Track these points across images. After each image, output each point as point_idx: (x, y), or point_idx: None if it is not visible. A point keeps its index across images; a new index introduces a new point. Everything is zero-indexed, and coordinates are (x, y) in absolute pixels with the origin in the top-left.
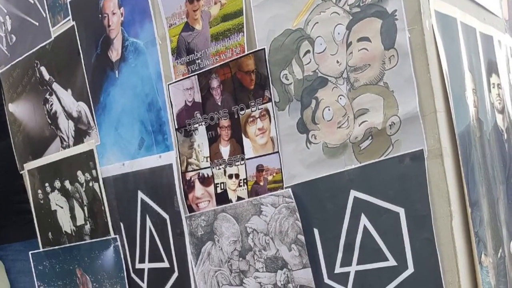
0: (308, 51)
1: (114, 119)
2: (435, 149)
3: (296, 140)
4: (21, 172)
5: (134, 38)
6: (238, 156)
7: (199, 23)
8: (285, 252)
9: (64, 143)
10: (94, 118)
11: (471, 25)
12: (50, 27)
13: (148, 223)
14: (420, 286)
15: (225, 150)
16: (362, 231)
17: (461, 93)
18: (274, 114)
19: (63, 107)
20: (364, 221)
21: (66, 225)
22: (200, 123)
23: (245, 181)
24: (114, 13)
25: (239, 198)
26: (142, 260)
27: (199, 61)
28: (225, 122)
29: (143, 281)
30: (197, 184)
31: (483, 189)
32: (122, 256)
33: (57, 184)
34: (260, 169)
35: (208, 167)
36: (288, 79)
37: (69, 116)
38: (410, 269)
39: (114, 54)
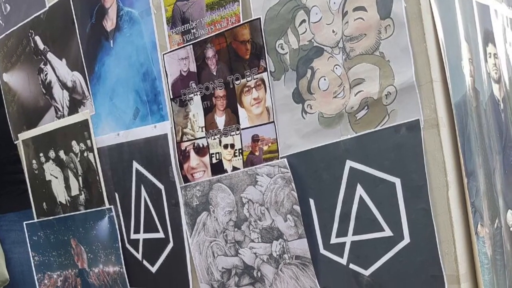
0: (303, 21)
1: (109, 89)
2: (431, 119)
3: (291, 110)
4: (15, 142)
5: (129, 7)
6: (234, 126)
7: None
8: (280, 222)
9: (59, 113)
10: (89, 88)
11: None
12: None
13: (143, 193)
14: (416, 257)
15: (220, 120)
16: (358, 202)
17: (457, 62)
18: (269, 84)
19: (57, 77)
20: (360, 191)
21: (61, 195)
22: (195, 93)
23: (240, 151)
24: None
25: (234, 168)
26: (137, 231)
27: (194, 30)
28: (220, 92)
29: (138, 252)
30: (192, 154)
31: (479, 159)
32: (117, 226)
33: (52, 154)
34: (255, 139)
35: (203, 137)
36: (283, 49)
37: (63, 86)
38: (406, 240)
39: (109, 23)
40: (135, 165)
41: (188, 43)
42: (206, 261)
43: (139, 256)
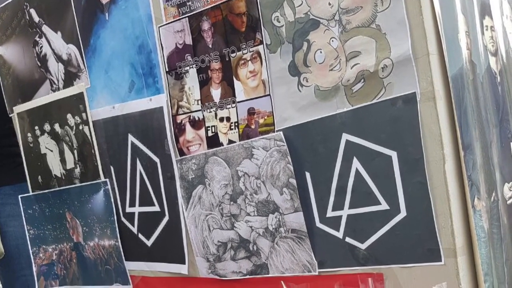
0: None
1: (104, 61)
2: (428, 92)
3: (287, 83)
4: (10, 115)
5: None
6: (229, 99)
7: None
8: (276, 195)
9: (54, 86)
10: (84, 60)
11: None
12: None
13: (139, 166)
14: (413, 230)
15: (216, 93)
16: (354, 175)
17: (454, 35)
18: (265, 57)
19: (52, 49)
20: (356, 164)
21: (56, 168)
22: (191, 66)
23: (236, 124)
24: None
25: (230, 142)
26: (132, 204)
27: (190, 3)
28: (216, 65)
29: (133, 225)
30: (188, 127)
31: (476, 132)
32: (112, 200)
33: (47, 127)
34: (251, 112)
35: (199, 110)
36: (279, 22)
37: (59, 58)
38: (403, 213)
39: None
40: (131, 138)
41: (183, 16)
42: (202, 235)
43: (134, 229)
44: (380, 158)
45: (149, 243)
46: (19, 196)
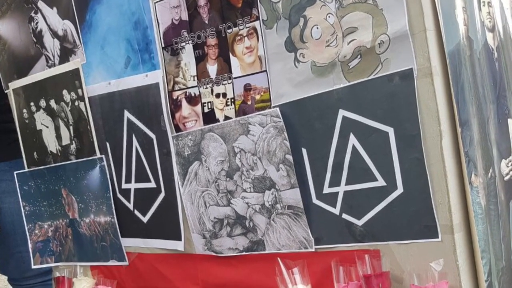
0: None
1: (100, 37)
2: (425, 68)
3: (284, 59)
4: (6, 91)
5: None
6: (226, 75)
7: None
8: (273, 172)
9: (50, 62)
10: (80, 36)
11: None
12: None
13: (135, 142)
14: (410, 206)
15: (212, 69)
16: (351, 151)
17: (451, 11)
18: (261, 33)
19: (48, 25)
20: (353, 140)
21: (52, 145)
22: (187, 42)
23: (232, 100)
24: None
25: (226, 118)
26: (128, 180)
27: None
28: (212, 41)
29: (129, 202)
30: (184, 103)
31: (473, 108)
32: (108, 176)
33: (43, 103)
34: (247, 88)
35: (195, 86)
36: None
37: (54, 34)
38: (400, 190)
39: None
40: (127, 114)
41: None
42: (198, 211)
43: (130, 206)
44: (377, 134)
45: (145, 219)
46: (15, 172)
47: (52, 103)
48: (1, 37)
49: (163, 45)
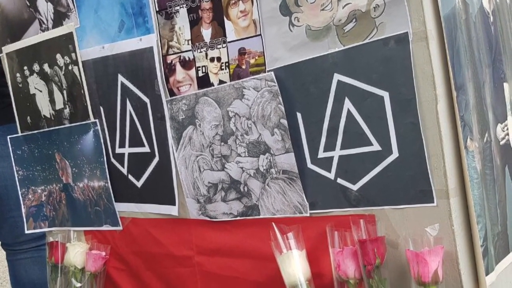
0: None
1: (94, 1)
2: (420, 32)
3: (278, 22)
4: None
5: None
6: (220, 39)
7: None
8: (267, 136)
9: (43, 25)
10: (74, 0)
11: None
12: None
13: (129, 107)
14: (405, 171)
15: (206, 33)
16: (346, 115)
17: None
18: None
19: None
20: (348, 105)
21: (45, 109)
22: (181, 6)
23: (227, 64)
24: None
25: (220, 82)
26: (122, 145)
27: None
28: (206, 5)
29: (123, 166)
30: (178, 68)
31: (468, 72)
32: (102, 140)
33: (36, 67)
34: (242, 52)
35: (190, 50)
36: None
37: None
38: (395, 154)
39: None
40: (120, 78)
41: None
42: (192, 176)
43: (124, 170)
44: (372, 98)
45: (139, 184)
46: (8, 136)
47: (46, 67)
48: None
49: (157, 9)
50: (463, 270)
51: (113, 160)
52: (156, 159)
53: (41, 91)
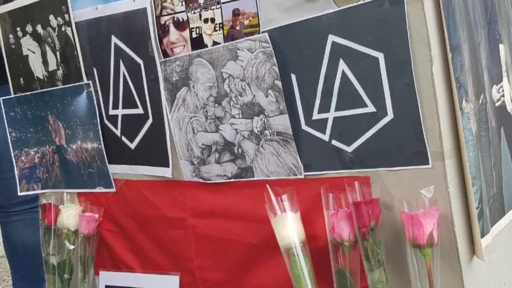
0: None
1: None
2: None
3: None
4: None
5: None
6: (214, 0)
7: None
8: (261, 98)
9: None
10: None
11: None
12: None
13: (122, 68)
14: (400, 133)
15: None
16: (341, 77)
17: None
18: None
19: None
20: (342, 66)
21: (38, 70)
22: None
23: (221, 25)
24: None
25: (214, 43)
26: (115, 106)
27: None
28: None
29: (116, 128)
30: (172, 29)
31: (464, 33)
32: (95, 102)
33: (29, 28)
34: (236, 13)
35: (183, 11)
36: None
37: None
38: (390, 115)
39: None
40: (114, 39)
41: None
42: (186, 137)
43: (117, 132)
44: (367, 59)
45: (132, 146)
46: (1, 98)
47: (39, 28)
48: None
49: None
50: (458, 232)
51: (106, 121)
52: (150, 121)
53: (34, 53)
